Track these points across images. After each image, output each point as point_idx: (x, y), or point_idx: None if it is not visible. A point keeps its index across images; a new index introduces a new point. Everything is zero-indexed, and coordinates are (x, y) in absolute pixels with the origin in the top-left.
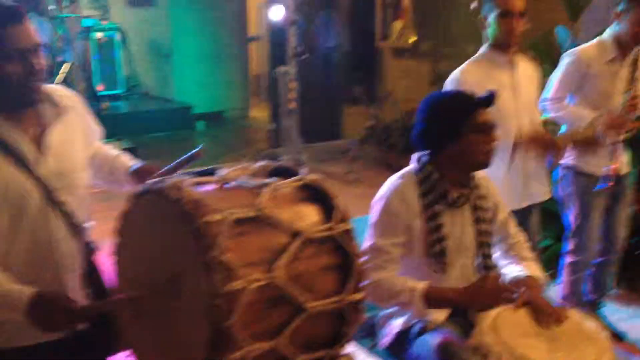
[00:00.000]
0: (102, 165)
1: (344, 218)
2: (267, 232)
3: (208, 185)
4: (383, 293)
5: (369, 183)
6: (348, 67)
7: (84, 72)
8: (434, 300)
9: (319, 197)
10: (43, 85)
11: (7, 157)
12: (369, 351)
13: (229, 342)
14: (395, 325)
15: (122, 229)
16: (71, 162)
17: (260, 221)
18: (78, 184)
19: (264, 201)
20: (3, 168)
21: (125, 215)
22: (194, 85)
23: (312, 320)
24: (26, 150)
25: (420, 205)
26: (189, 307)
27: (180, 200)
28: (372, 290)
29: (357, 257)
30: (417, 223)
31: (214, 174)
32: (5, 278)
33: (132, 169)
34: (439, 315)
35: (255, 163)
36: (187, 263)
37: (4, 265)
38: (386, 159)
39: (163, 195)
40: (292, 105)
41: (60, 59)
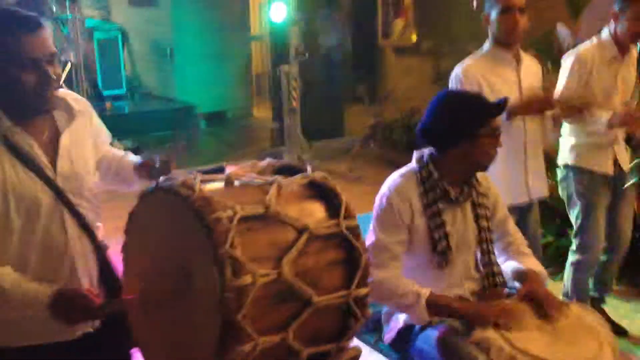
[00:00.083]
0: (110, 167)
1: (349, 214)
2: (275, 228)
3: (217, 182)
4: (385, 293)
5: (371, 181)
6: (350, 66)
7: (87, 73)
8: (438, 308)
9: (324, 194)
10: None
11: (21, 162)
12: (373, 346)
13: (238, 335)
14: (399, 321)
15: (132, 227)
16: (82, 166)
17: (268, 218)
18: (88, 186)
19: (271, 198)
20: (18, 172)
21: (135, 213)
22: (196, 84)
23: (319, 314)
24: (39, 154)
25: (422, 203)
26: (199, 302)
27: (191, 198)
28: (375, 289)
29: (364, 253)
30: (419, 221)
31: (222, 172)
32: (22, 278)
33: (137, 164)
34: None
35: (262, 161)
36: (197, 259)
37: (20, 266)
38: (388, 157)
39: (173, 193)
40: (295, 104)
41: (63, 59)
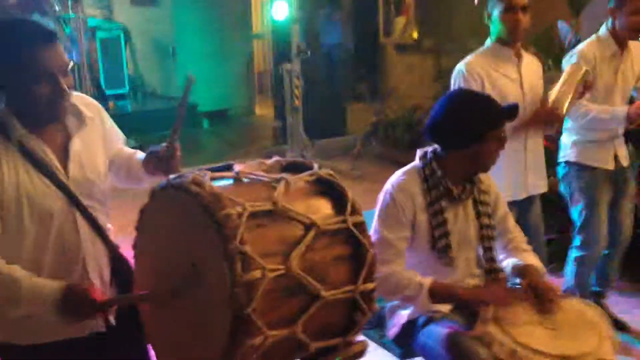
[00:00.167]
0: (121, 166)
1: (356, 211)
2: (283, 224)
3: (226, 180)
4: (390, 287)
5: (374, 178)
6: (352, 64)
7: (90, 72)
8: (440, 295)
9: (331, 191)
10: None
11: (35, 167)
12: (377, 341)
13: (249, 329)
14: (402, 316)
15: (142, 224)
16: (93, 170)
17: (277, 214)
18: (100, 190)
19: (279, 195)
20: (32, 177)
21: (145, 210)
22: (198, 83)
23: (327, 308)
24: (52, 159)
25: (425, 201)
26: (209, 297)
27: (201, 194)
28: (380, 284)
29: (370, 249)
30: (422, 218)
31: (230, 170)
32: (29, 274)
33: (143, 160)
34: (444, 306)
35: (269, 159)
36: (207, 254)
37: (35, 269)
38: (390, 155)
39: (183, 190)
40: (297, 102)
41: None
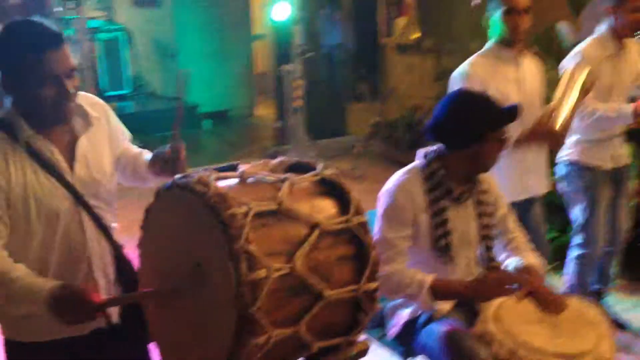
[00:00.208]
0: (127, 165)
1: (359, 211)
2: (288, 224)
3: (230, 180)
4: (392, 286)
5: (375, 179)
6: (352, 64)
7: (91, 73)
8: (441, 293)
9: (335, 191)
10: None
11: (42, 168)
12: (378, 341)
13: (253, 328)
14: (402, 316)
15: (148, 223)
16: (99, 170)
17: (281, 214)
18: (106, 189)
19: (283, 195)
20: (39, 178)
21: (151, 209)
22: (199, 84)
23: (330, 308)
24: (60, 160)
25: (426, 201)
26: (214, 296)
27: (206, 194)
28: (383, 283)
29: (373, 248)
30: (423, 217)
31: (235, 170)
32: (29, 272)
33: (149, 161)
34: (445, 305)
35: (275, 159)
36: (213, 254)
37: (41, 269)
38: (390, 155)
39: (189, 190)
40: (298, 103)
41: None
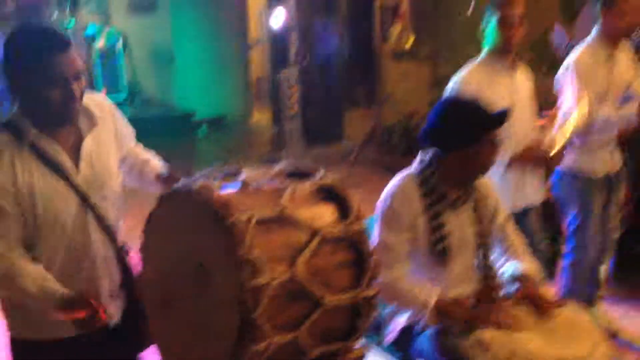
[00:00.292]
0: (133, 167)
1: (359, 217)
2: (289, 231)
3: (233, 187)
4: (393, 295)
5: (370, 185)
6: (348, 71)
7: (87, 79)
8: (443, 314)
9: (335, 198)
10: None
11: (48, 167)
12: (375, 347)
13: (255, 333)
14: (400, 322)
15: (151, 228)
16: (104, 170)
17: (282, 220)
18: (112, 189)
19: (285, 202)
20: (45, 177)
21: (154, 214)
22: (195, 90)
23: (330, 313)
24: (64, 160)
25: (422, 205)
26: (216, 302)
27: (210, 201)
28: (383, 291)
29: (371, 255)
30: (420, 222)
31: (237, 173)
32: (53, 280)
33: (162, 176)
34: None
35: (276, 166)
36: (215, 259)
37: (47, 268)
38: (387, 161)
39: (192, 196)
40: (294, 109)
41: None
